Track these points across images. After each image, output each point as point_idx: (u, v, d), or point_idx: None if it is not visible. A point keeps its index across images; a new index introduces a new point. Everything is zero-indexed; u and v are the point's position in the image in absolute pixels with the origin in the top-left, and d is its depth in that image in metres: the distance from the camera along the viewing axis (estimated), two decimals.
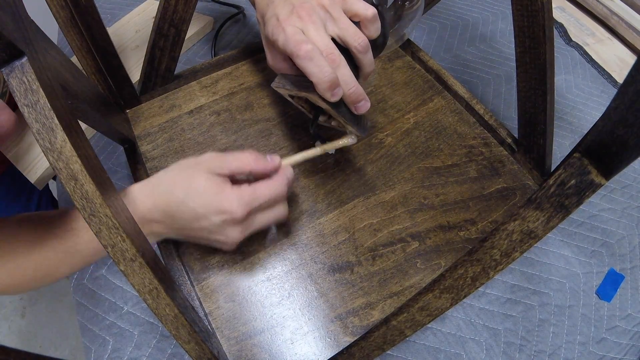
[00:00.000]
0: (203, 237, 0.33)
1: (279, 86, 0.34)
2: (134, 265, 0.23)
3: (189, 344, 0.25)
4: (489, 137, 0.47)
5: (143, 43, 0.58)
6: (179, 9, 0.40)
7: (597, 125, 0.22)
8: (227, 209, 0.30)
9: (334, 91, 0.30)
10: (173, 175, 0.33)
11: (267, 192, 0.32)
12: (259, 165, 0.33)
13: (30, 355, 0.19)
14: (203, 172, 0.32)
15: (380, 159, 0.44)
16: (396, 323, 0.28)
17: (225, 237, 0.32)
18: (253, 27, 0.63)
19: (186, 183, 0.32)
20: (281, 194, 0.33)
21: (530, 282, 0.41)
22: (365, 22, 0.33)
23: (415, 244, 0.39)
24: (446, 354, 0.37)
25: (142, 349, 0.37)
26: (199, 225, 0.32)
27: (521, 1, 0.36)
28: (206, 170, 0.32)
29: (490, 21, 0.68)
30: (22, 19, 0.21)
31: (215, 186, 0.31)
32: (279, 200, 0.34)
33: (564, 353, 0.38)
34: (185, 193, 0.31)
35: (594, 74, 0.62)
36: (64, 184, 0.22)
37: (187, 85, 0.49)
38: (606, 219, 0.47)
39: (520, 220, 0.24)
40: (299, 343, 0.34)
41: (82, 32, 0.36)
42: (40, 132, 0.21)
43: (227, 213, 0.31)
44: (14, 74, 0.20)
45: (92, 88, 0.35)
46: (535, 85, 0.39)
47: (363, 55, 0.33)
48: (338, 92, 0.31)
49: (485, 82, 0.59)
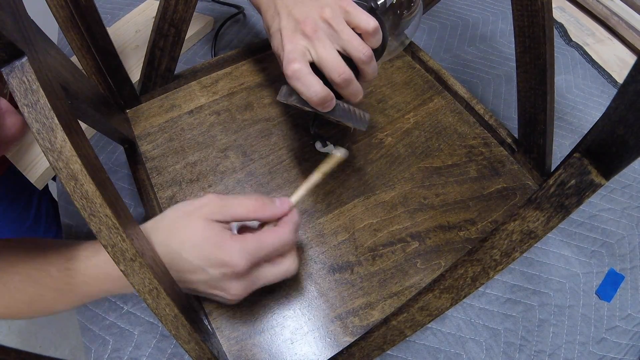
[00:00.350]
0: (201, 290, 0.30)
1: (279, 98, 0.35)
2: (134, 265, 0.23)
3: (189, 344, 0.25)
4: (489, 137, 0.47)
5: (143, 43, 0.58)
6: (179, 9, 0.40)
7: (597, 125, 0.22)
8: (228, 262, 0.27)
9: (325, 105, 0.31)
10: (169, 223, 0.30)
11: (274, 242, 0.29)
12: (265, 212, 0.30)
13: (30, 355, 0.19)
14: (201, 220, 0.29)
15: (380, 159, 0.44)
16: (396, 323, 0.28)
17: (226, 292, 0.29)
18: (253, 27, 0.63)
19: (182, 233, 0.29)
20: (289, 242, 0.30)
21: (530, 282, 0.41)
22: (367, 35, 0.33)
23: (415, 244, 0.39)
24: (446, 354, 0.37)
25: (142, 349, 0.37)
26: (197, 278, 0.29)
27: (521, 1, 0.36)
28: (204, 217, 0.29)
29: (490, 21, 0.68)
30: (22, 19, 0.21)
31: (214, 236, 0.28)
32: (287, 249, 0.31)
33: (564, 353, 0.38)
34: (181, 244, 0.28)
35: (594, 74, 0.62)
36: (64, 184, 0.22)
37: (187, 85, 0.49)
38: (606, 219, 0.47)
39: (520, 220, 0.24)
40: (299, 343, 0.34)
41: (82, 32, 0.36)
42: (40, 132, 0.21)
43: (228, 266, 0.28)
44: (14, 73, 0.20)
45: (92, 88, 0.35)
46: (535, 85, 0.39)
47: (366, 66, 0.33)
48: (328, 105, 0.32)
49: (485, 82, 0.59)
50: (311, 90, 0.30)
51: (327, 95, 0.31)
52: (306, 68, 0.31)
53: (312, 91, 0.30)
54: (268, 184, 0.42)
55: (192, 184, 0.42)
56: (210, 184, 0.42)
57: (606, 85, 0.61)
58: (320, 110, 0.32)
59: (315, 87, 0.30)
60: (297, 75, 0.31)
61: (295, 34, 0.32)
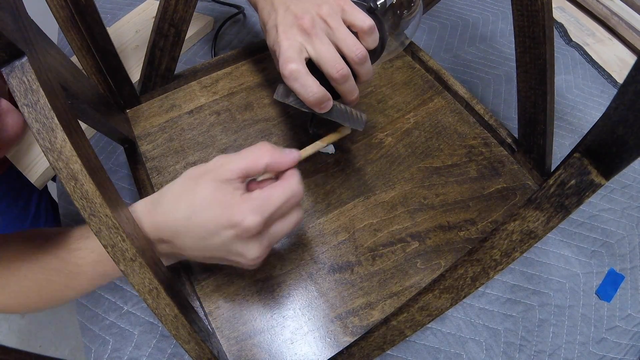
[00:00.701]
0: (216, 257, 0.29)
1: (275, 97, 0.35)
2: (134, 265, 0.23)
3: (189, 343, 0.25)
4: (489, 137, 0.47)
5: (143, 43, 0.58)
6: (179, 8, 0.40)
7: (597, 125, 0.22)
8: (239, 221, 0.26)
9: (322, 105, 0.31)
10: (177, 188, 0.29)
11: (284, 194, 0.28)
12: (275, 157, 0.29)
13: (30, 355, 0.19)
14: (209, 182, 0.28)
15: (380, 159, 0.44)
16: (396, 323, 0.28)
17: (242, 255, 0.28)
18: (253, 27, 0.63)
19: (191, 196, 0.28)
20: (298, 193, 0.29)
21: (530, 282, 0.41)
22: (362, 33, 0.33)
23: (415, 244, 0.39)
24: (446, 354, 0.37)
25: (142, 349, 0.37)
26: (210, 243, 0.28)
27: (521, 1, 0.36)
28: (212, 178, 0.28)
29: (490, 21, 0.68)
30: (22, 19, 0.21)
31: (222, 196, 0.27)
32: (296, 202, 0.29)
33: (564, 353, 0.38)
34: (190, 208, 0.27)
35: (594, 74, 0.62)
36: (64, 184, 0.22)
37: (187, 85, 0.49)
38: (606, 219, 0.47)
39: (520, 220, 0.24)
40: (298, 343, 0.34)
41: (82, 32, 0.36)
42: (40, 132, 0.21)
43: (240, 226, 0.26)
44: (14, 73, 0.20)
45: (92, 88, 0.35)
46: (535, 85, 0.39)
47: (360, 66, 0.33)
48: (326, 105, 0.32)
49: (485, 82, 0.59)
50: (308, 90, 0.30)
51: (324, 95, 0.31)
52: (303, 68, 0.31)
53: (309, 92, 0.31)
54: None
55: None
56: None
57: (606, 85, 0.61)
58: (317, 111, 0.32)
59: (312, 88, 0.30)
60: (295, 76, 0.31)
61: (292, 29, 0.32)
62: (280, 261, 0.38)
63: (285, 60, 0.31)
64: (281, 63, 0.31)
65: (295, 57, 0.31)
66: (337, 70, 0.31)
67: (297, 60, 0.31)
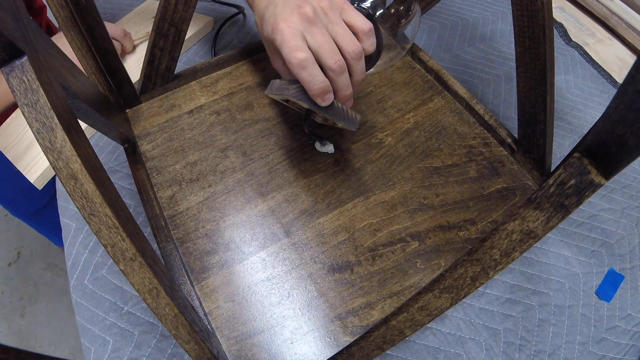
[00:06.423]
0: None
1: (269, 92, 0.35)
2: (134, 264, 0.23)
3: (189, 343, 0.25)
4: (489, 137, 0.47)
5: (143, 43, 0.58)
6: (179, 8, 0.40)
7: (597, 125, 0.22)
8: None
9: (325, 97, 0.31)
10: None
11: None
12: None
13: (30, 354, 0.19)
14: None
15: (380, 158, 0.44)
16: (396, 323, 0.28)
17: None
18: (253, 27, 0.63)
19: None
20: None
21: (530, 282, 0.41)
22: (361, 35, 0.33)
23: (415, 244, 0.39)
24: (446, 354, 0.37)
25: (142, 349, 0.37)
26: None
27: (521, 1, 0.36)
28: None
29: (490, 21, 0.68)
30: (22, 19, 0.21)
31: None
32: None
33: (563, 353, 0.38)
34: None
35: (594, 74, 0.62)
36: (63, 184, 0.22)
37: (187, 85, 0.49)
38: (606, 219, 0.47)
39: (520, 220, 0.24)
40: (298, 343, 0.34)
41: (82, 32, 0.36)
42: (40, 131, 0.21)
43: None
44: (14, 73, 0.20)
45: (92, 88, 0.35)
46: (535, 85, 0.39)
47: (355, 63, 0.33)
48: (328, 97, 0.32)
49: (485, 82, 0.59)
50: (316, 80, 0.30)
51: (328, 85, 0.31)
52: (312, 57, 0.30)
53: (316, 81, 0.30)
54: (268, 184, 0.42)
55: (192, 183, 0.42)
56: (210, 184, 0.42)
57: (606, 85, 0.61)
58: (320, 102, 0.32)
59: (319, 77, 0.30)
60: (304, 64, 0.30)
61: (292, 16, 0.32)
62: (280, 261, 0.38)
63: (293, 48, 0.30)
64: (288, 51, 0.30)
65: (302, 45, 0.31)
66: (335, 61, 0.31)
67: (305, 48, 0.30)
